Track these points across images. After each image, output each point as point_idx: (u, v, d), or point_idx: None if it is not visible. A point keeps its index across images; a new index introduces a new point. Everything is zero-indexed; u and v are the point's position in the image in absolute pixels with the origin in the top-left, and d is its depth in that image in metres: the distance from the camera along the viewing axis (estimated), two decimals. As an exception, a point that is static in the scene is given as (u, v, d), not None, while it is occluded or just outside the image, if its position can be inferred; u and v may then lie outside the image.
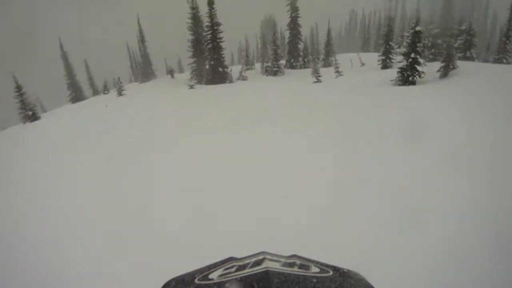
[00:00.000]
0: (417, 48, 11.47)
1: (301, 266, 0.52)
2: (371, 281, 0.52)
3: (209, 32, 19.67)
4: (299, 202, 4.59)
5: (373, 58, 23.97)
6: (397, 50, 14.48)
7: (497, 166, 4.74)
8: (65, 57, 29.74)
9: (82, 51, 39.44)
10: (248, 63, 25.67)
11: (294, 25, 24.22)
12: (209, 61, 20.04)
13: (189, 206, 4.83)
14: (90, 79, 32.59)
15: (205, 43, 20.12)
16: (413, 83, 11.99)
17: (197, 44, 20.59)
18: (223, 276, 0.49)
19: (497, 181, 4.33)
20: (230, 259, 0.60)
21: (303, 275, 0.47)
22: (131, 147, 8.34)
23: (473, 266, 2.96)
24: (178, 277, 0.54)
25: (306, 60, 24.86)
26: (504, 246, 3.11)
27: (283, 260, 0.56)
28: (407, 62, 11.63)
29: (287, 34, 25.03)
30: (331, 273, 0.50)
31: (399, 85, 11.89)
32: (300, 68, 24.45)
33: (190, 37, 20.73)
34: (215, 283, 0.46)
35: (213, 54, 19.72)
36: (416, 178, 4.78)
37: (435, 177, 4.67)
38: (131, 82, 33.95)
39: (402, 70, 11.79)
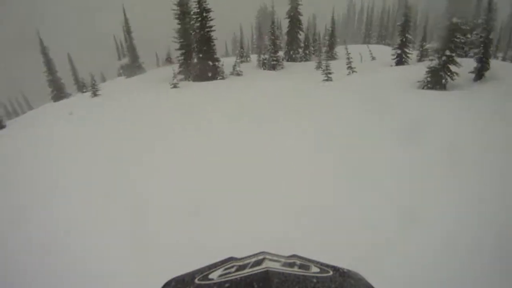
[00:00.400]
0: (453, 45, 9.24)
1: (301, 266, 0.51)
2: (371, 281, 0.50)
3: (197, 20, 16.91)
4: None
5: (381, 51, 21.72)
6: (428, 45, 12.12)
7: None
8: (44, 52, 26.25)
9: (68, 45, 36.15)
10: (242, 55, 23.05)
11: (294, 12, 21.62)
12: (197, 53, 17.32)
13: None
14: (75, 74, 29.47)
15: (193, 33, 17.40)
16: (443, 86, 9.84)
17: (184, 34, 17.88)
18: (223, 276, 0.48)
19: None
20: (230, 259, 0.59)
21: (303, 275, 0.46)
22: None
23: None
24: (178, 277, 0.53)
25: (307, 51, 22.43)
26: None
27: (283, 260, 0.55)
28: (440, 60, 9.41)
29: (285, 23, 22.46)
30: (331, 273, 0.49)
31: (429, 88, 9.71)
32: (301, 60, 22.11)
33: (177, 27, 18.02)
34: (215, 283, 0.46)
35: (202, 45, 16.98)
36: None
37: None
38: (120, 76, 31.17)
39: (432, 70, 9.59)
